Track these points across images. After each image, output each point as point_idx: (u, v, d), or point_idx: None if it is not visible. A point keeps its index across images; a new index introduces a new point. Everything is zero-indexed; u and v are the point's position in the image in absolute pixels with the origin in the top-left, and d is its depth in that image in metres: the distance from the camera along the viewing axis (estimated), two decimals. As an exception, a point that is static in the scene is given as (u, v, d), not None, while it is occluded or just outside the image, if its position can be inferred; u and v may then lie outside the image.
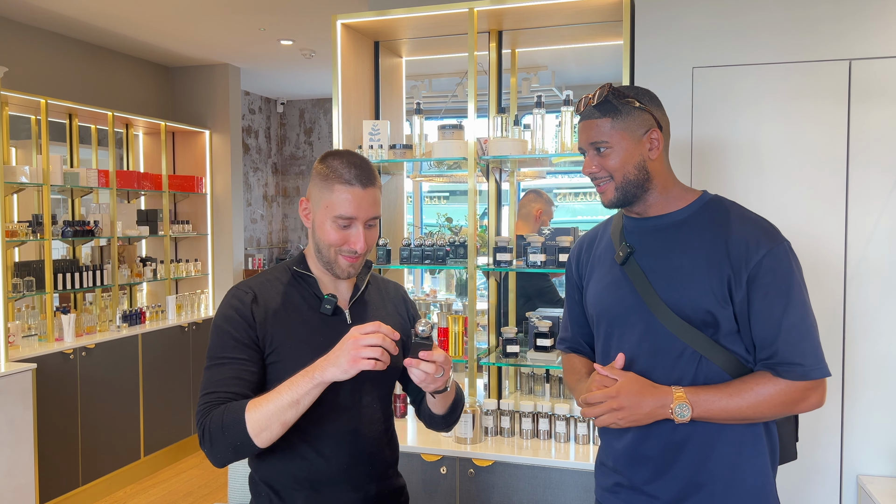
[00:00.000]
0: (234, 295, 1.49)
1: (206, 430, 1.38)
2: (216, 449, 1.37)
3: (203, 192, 5.60)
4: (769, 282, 1.38)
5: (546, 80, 3.47)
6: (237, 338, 1.44)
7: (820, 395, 1.41)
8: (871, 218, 2.43)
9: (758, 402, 1.38)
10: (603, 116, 1.47)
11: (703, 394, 1.39)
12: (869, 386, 2.45)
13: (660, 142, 1.48)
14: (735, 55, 2.52)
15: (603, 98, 1.46)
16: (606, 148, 1.47)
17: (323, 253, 1.50)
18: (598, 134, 1.47)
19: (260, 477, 1.54)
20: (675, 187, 1.52)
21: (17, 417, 3.46)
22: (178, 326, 4.98)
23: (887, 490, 2.33)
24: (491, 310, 2.85)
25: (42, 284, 4.14)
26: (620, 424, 1.42)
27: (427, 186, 4.82)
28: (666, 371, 1.44)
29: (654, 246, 1.50)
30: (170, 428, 4.93)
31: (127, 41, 4.99)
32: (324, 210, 1.47)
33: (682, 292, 1.43)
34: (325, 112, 7.19)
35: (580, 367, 1.65)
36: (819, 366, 1.39)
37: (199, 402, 1.42)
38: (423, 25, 2.84)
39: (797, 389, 1.38)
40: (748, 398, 1.38)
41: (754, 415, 1.39)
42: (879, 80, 2.40)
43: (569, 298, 1.71)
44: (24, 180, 4.05)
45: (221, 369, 1.43)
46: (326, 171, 1.47)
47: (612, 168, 1.47)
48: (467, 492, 2.42)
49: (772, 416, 1.40)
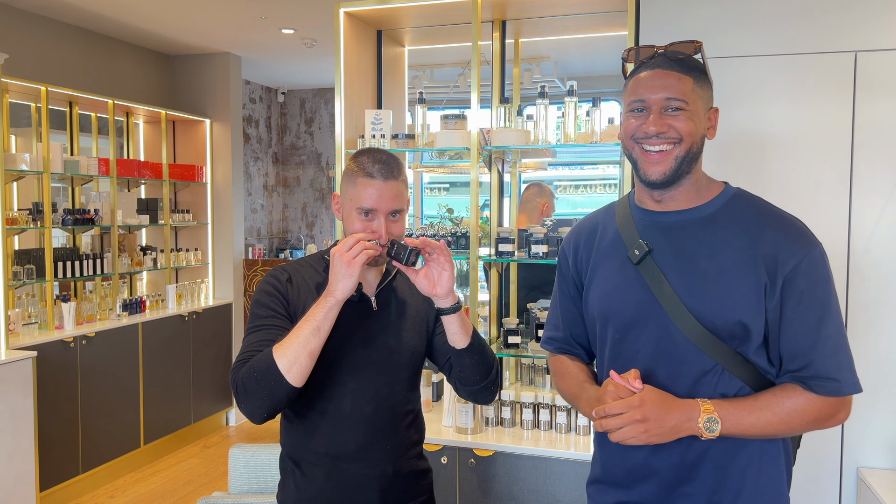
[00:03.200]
0: (271, 275, 1.58)
1: (239, 384, 1.43)
2: (252, 399, 1.41)
3: (203, 182, 5.58)
4: (805, 288, 1.27)
5: (549, 71, 3.46)
6: (273, 307, 1.53)
7: (848, 410, 1.30)
8: (874, 211, 2.43)
9: (789, 418, 1.27)
10: (686, 73, 1.31)
11: (732, 408, 1.27)
12: (870, 379, 2.45)
13: (716, 121, 1.36)
14: (740, 46, 2.51)
15: (695, 52, 1.30)
16: (683, 109, 1.29)
17: None
18: (678, 91, 1.29)
19: (286, 452, 1.62)
20: (704, 177, 1.39)
21: (18, 405, 3.46)
22: (178, 315, 4.97)
23: (887, 483, 2.34)
24: (492, 301, 2.85)
25: (42, 272, 4.14)
26: (642, 440, 1.26)
27: (427, 178, 4.81)
28: (688, 387, 1.31)
29: (675, 245, 1.35)
30: (170, 416, 4.93)
31: (128, 29, 4.97)
32: (349, 203, 1.55)
33: (711, 300, 1.29)
34: (326, 102, 7.17)
35: (577, 373, 1.49)
36: (853, 380, 1.28)
37: (232, 367, 1.47)
38: (427, 14, 2.82)
39: (830, 405, 1.27)
40: (779, 413, 1.26)
41: (784, 430, 1.29)
42: (885, 72, 2.39)
43: (561, 295, 1.54)
44: (25, 168, 4.04)
45: (257, 334, 1.50)
46: (353, 166, 1.56)
47: (684, 131, 1.29)
48: (468, 481, 2.43)
49: (801, 431, 1.31)
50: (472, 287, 2.63)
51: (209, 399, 5.35)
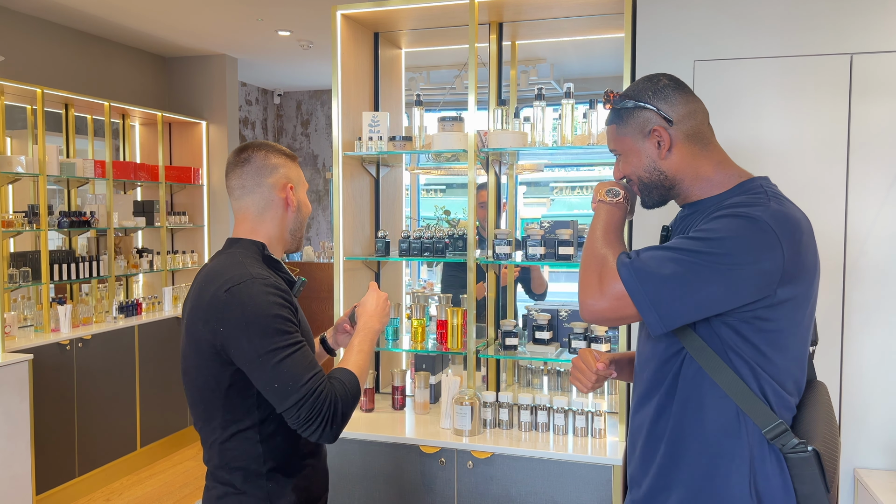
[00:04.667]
0: (266, 285, 1.50)
1: (339, 412, 1.46)
2: (346, 420, 1.49)
3: (200, 184, 5.57)
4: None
5: (545, 73, 3.46)
6: (293, 321, 1.50)
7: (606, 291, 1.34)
8: (871, 213, 2.44)
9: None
10: (610, 123, 1.47)
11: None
12: (867, 380, 2.46)
13: (666, 138, 1.40)
14: (737, 49, 2.52)
15: (607, 105, 1.46)
16: (618, 154, 1.48)
17: (299, 230, 1.73)
18: (609, 141, 1.49)
19: (262, 468, 1.62)
20: (719, 173, 1.42)
21: (14, 408, 3.45)
22: (174, 318, 4.96)
23: (884, 483, 2.35)
24: (490, 303, 2.85)
25: (38, 275, 4.12)
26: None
27: (424, 179, 4.81)
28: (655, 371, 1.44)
29: (677, 232, 1.49)
30: (166, 419, 4.92)
31: (124, 31, 4.96)
32: (301, 186, 1.75)
33: None
34: (322, 104, 7.16)
35: None
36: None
37: (308, 387, 1.42)
38: (423, 16, 2.83)
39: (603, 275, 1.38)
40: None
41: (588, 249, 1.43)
42: (880, 74, 2.40)
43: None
44: (20, 170, 4.03)
45: (303, 351, 1.48)
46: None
47: (628, 173, 1.47)
48: (466, 483, 2.43)
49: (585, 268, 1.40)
50: (470, 289, 2.63)
51: (206, 401, 5.33)
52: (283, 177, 1.64)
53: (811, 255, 1.33)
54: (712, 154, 1.43)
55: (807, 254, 1.31)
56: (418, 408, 2.76)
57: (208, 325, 1.47)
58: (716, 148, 1.45)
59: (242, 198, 1.63)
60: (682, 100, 1.42)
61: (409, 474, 2.50)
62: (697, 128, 1.42)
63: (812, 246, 1.33)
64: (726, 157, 1.46)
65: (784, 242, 1.26)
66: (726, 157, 1.45)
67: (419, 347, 2.75)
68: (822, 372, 1.70)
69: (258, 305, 1.45)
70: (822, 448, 1.27)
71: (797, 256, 1.28)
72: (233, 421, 1.51)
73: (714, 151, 1.44)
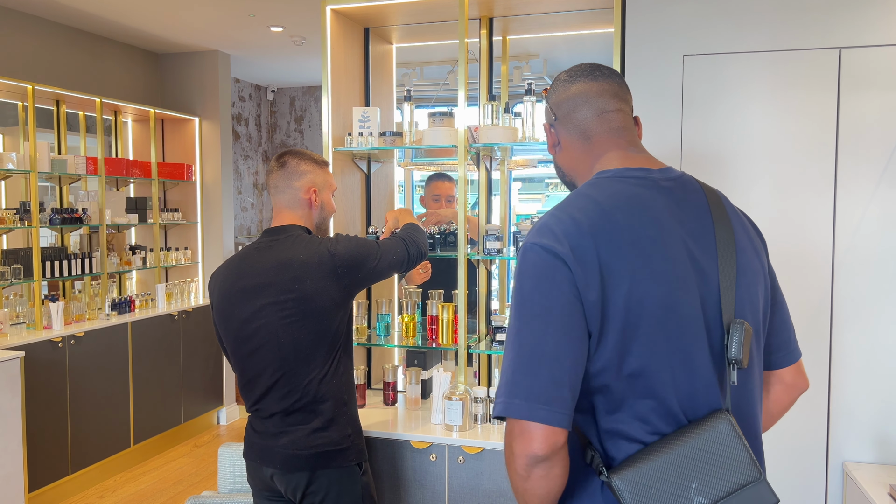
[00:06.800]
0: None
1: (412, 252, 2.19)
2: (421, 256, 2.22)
3: (193, 180, 5.56)
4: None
5: (537, 69, 3.46)
6: None
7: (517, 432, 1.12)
8: (859, 208, 2.44)
9: None
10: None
11: None
12: (855, 374, 2.47)
13: (552, 135, 1.35)
14: (725, 43, 2.52)
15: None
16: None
17: (323, 224, 2.21)
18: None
19: (340, 397, 2.08)
20: (595, 172, 1.28)
21: (5, 406, 3.45)
22: (167, 315, 4.96)
23: (872, 476, 2.36)
24: (481, 298, 2.85)
25: (30, 272, 4.11)
26: None
27: (417, 175, 4.80)
28: None
29: None
30: (160, 416, 4.92)
31: (115, 27, 4.94)
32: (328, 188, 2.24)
33: None
34: (316, 100, 7.15)
35: None
36: (497, 400, 1.14)
37: (403, 251, 2.15)
38: (414, 11, 2.82)
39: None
40: None
41: None
42: (869, 68, 2.41)
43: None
44: (11, 167, 4.01)
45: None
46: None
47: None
48: (457, 478, 2.43)
49: None
50: (461, 285, 2.63)
51: (199, 398, 5.34)
52: (309, 181, 2.10)
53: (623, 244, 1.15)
54: (594, 148, 1.29)
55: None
56: (410, 403, 2.76)
57: (327, 278, 1.96)
58: (599, 141, 1.28)
59: (277, 195, 2.09)
60: (566, 94, 1.30)
61: (400, 470, 2.50)
62: (580, 121, 1.29)
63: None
64: (613, 149, 1.28)
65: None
66: (611, 150, 1.28)
67: (410, 343, 2.75)
68: (810, 366, 1.70)
69: (351, 237, 2.08)
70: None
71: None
72: (330, 358, 2.00)
73: (596, 145, 1.28)
